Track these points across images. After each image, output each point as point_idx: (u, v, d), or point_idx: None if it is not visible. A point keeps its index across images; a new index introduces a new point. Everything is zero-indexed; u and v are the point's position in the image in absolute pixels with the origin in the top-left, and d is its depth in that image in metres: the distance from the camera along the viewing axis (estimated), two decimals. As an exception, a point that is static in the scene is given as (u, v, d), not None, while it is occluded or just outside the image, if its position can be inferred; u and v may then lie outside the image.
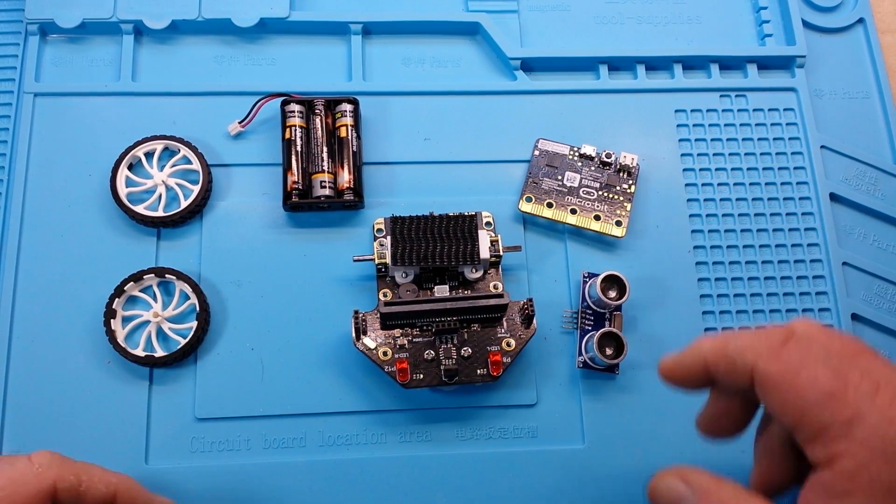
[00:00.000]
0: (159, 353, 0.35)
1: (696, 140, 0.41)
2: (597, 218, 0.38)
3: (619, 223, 0.38)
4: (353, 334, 0.34)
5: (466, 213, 0.36)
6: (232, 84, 0.40)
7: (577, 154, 0.40)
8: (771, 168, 0.41)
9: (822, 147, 0.41)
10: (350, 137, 0.38)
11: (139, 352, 0.35)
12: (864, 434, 0.22)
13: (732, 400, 0.27)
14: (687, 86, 0.42)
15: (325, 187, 0.37)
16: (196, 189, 0.37)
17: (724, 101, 0.42)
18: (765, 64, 0.43)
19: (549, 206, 0.39)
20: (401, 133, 0.40)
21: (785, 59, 0.43)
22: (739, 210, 0.40)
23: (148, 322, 0.36)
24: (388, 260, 0.35)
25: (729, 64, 0.43)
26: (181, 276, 0.36)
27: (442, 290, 0.36)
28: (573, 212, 0.38)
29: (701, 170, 0.41)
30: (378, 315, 0.34)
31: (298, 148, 0.38)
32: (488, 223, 0.37)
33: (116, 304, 0.35)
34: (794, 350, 0.24)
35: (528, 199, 0.39)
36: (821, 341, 0.24)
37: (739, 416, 0.27)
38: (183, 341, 0.35)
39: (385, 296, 0.36)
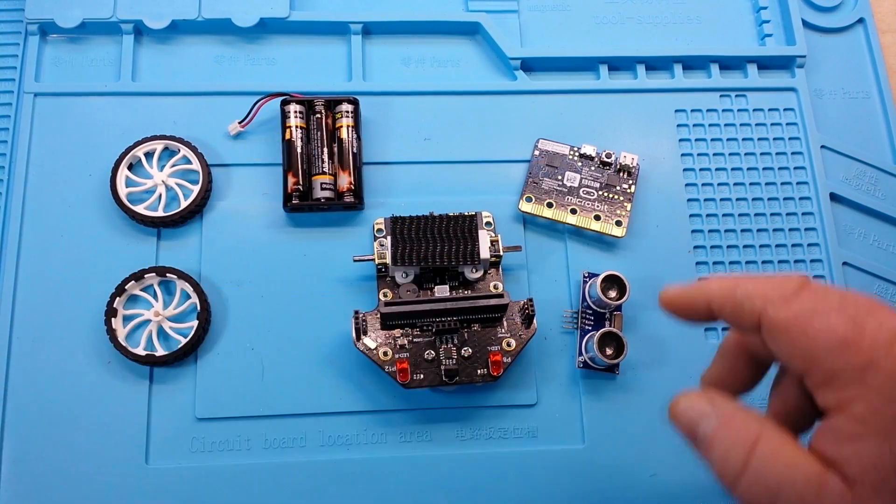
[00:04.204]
0: (160, 352, 0.35)
1: (696, 140, 0.41)
2: (597, 218, 0.38)
3: (619, 223, 0.38)
4: (354, 334, 0.34)
5: (466, 213, 0.36)
6: (232, 84, 0.40)
7: (577, 154, 0.40)
8: (771, 168, 0.41)
9: (822, 147, 0.41)
10: (350, 138, 0.38)
11: (140, 351, 0.35)
12: (879, 381, 0.22)
13: (739, 359, 0.27)
14: (687, 86, 0.42)
15: (325, 189, 0.37)
16: (196, 189, 0.37)
17: (724, 101, 0.42)
18: (765, 64, 0.43)
19: (550, 206, 0.38)
20: (401, 133, 0.40)
21: (785, 59, 0.43)
22: (739, 210, 0.40)
23: (149, 321, 0.36)
24: (389, 260, 0.35)
25: (729, 64, 0.43)
26: (182, 276, 0.36)
27: (442, 290, 0.36)
28: (573, 212, 0.38)
29: (701, 170, 0.41)
30: (378, 315, 0.34)
31: (299, 149, 0.38)
32: (488, 223, 0.37)
33: (117, 302, 0.35)
34: (808, 298, 0.24)
35: (529, 199, 0.39)
36: (836, 293, 0.24)
37: (746, 375, 0.27)
38: (184, 340, 0.35)
39: (385, 296, 0.36)
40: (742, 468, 0.23)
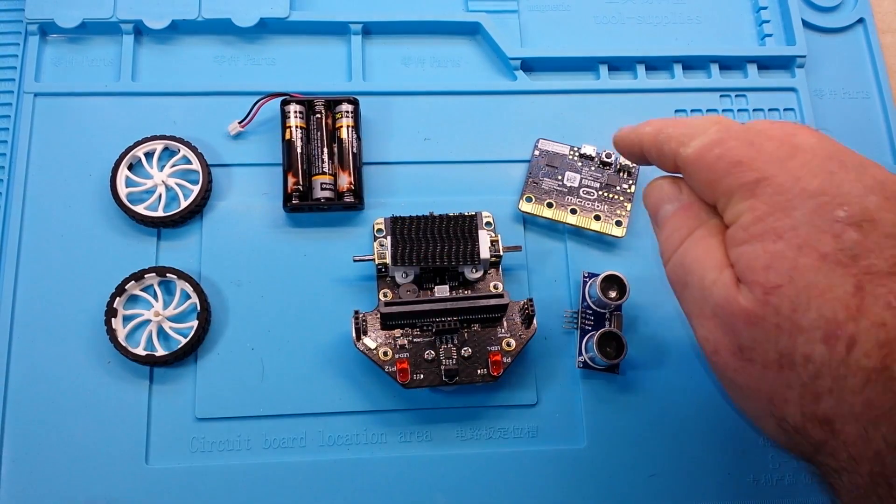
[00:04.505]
0: (160, 352, 0.35)
1: (696, 140, 0.41)
2: (597, 218, 0.38)
3: (619, 223, 0.38)
4: (354, 334, 0.34)
5: (466, 213, 0.36)
6: (232, 84, 0.40)
7: (577, 154, 0.40)
8: (771, 168, 0.41)
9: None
10: (350, 138, 0.38)
11: (140, 351, 0.35)
12: (768, 191, 0.24)
13: None
14: (687, 86, 0.42)
15: (325, 189, 0.37)
16: (196, 189, 0.37)
17: (724, 101, 0.42)
18: (765, 64, 0.43)
19: (550, 206, 0.39)
20: (401, 133, 0.40)
21: (785, 59, 0.43)
22: (739, 210, 0.40)
23: (149, 321, 0.36)
24: (389, 260, 0.35)
25: (729, 64, 0.43)
26: (182, 276, 0.36)
27: (442, 290, 0.36)
28: (573, 212, 0.38)
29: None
30: (378, 315, 0.34)
31: (299, 149, 0.38)
32: (488, 223, 0.37)
33: (117, 303, 0.35)
34: (713, 131, 0.26)
35: (529, 199, 0.39)
36: (743, 125, 0.26)
37: None
38: (184, 340, 0.35)
39: (385, 296, 0.36)
40: (674, 249, 0.27)
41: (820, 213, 0.23)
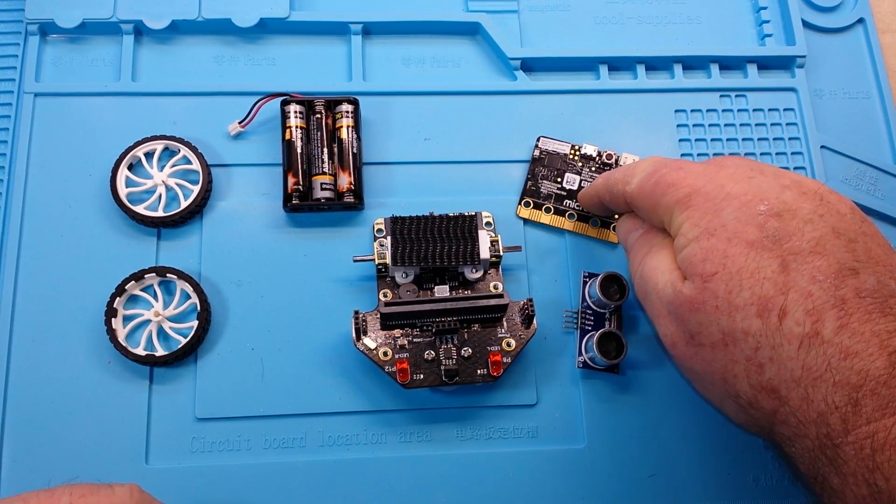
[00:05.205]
0: (160, 352, 0.35)
1: (696, 140, 0.41)
2: (594, 223, 0.38)
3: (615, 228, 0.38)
4: (354, 334, 0.34)
5: (466, 214, 0.36)
6: (232, 84, 0.40)
7: (577, 154, 0.40)
8: (771, 168, 0.41)
9: (822, 147, 0.41)
10: (350, 138, 0.38)
11: (140, 351, 0.35)
12: (699, 200, 0.28)
13: None
14: (687, 86, 0.42)
15: (325, 189, 0.37)
16: (196, 189, 0.37)
17: (724, 101, 0.42)
18: (765, 64, 0.43)
19: (548, 211, 0.39)
20: (401, 133, 0.40)
21: (785, 59, 0.43)
22: (739, 210, 0.40)
23: (149, 321, 0.36)
24: (389, 260, 0.35)
25: (729, 64, 0.43)
26: (182, 276, 0.36)
27: (442, 291, 0.36)
28: (571, 217, 0.38)
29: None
30: (378, 315, 0.34)
31: (299, 149, 0.38)
32: (488, 223, 0.37)
33: (117, 303, 0.35)
34: (646, 167, 0.31)
35: (527, 205, 0.39)
36: (676, 160, 0.31)
37: None
38: (184, 340, 0.35)
39: (385, 296, 0.36)
40: (638, 266, 0.31)
41: (744, 210, 0.27)
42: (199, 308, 0.35)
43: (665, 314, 0.29)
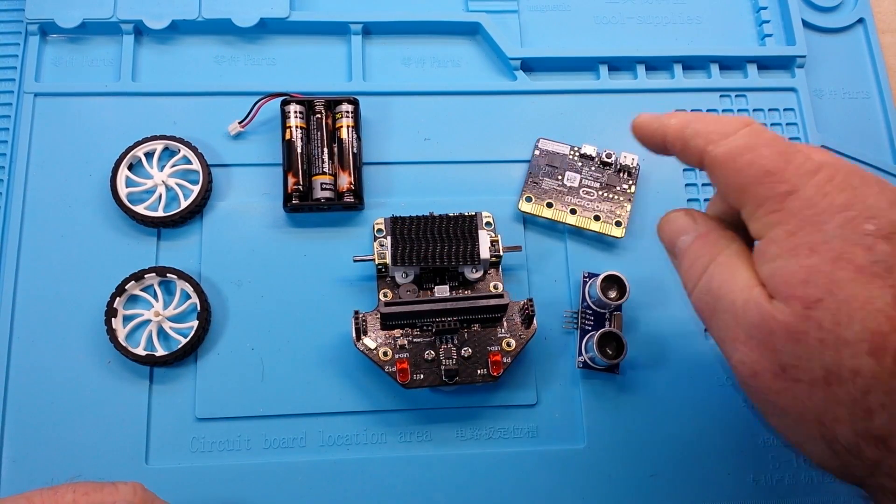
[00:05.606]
0: (160, 352, 0.35)
1: (696, 140, 0.41)
2: (596, 218, 0.38)
3: (618, 223, 0.38)
4: (354, 334, 0.34)
5: (466, 213, 0.36)
6: (232, 84, 0.40)
7: (577, 154, 0.40)
8: (771, 168, 0.41)
9: (822, 147, 0.41)
10: (350, 138, 0.38)
11: (140, 351, 0.35)
12: (797, 205, 0.24)
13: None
14: (687, 86, 0.42)
15: (325, 189, 0.37)
16: (196, 189, 0.37)
17: (724, 101, 0.42)
18: (765, 64, 0.43)
19: (549, 205, 0.39)
20: (401, 133, 0.40)
21: (785, 59, 0.43)
22: (739, 210, 0.40)
23: (149, 321, 0.36)
24: (389, 260, 0.35)
25: (729, 64, 0.43)
26: (182, 276, 0.36)
27: (442, 291, 0.36)
28: (573, 212, 0.38)
29: (701, 170, 0.41)
30: (378, 315, 0.34)
31: (299, 149, 0.38)
32: (488, 223, 0.37)
33: (118, 303, 0.35)
34: (744, 134, 0.25)
35: (529, 199, 0.39)
36: (772, 133, 0.26)
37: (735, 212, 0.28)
38: (184, 340, 0.35)
39: (385, 296, 0.36)
40: (698, 278, 0.26)
41: (849, 227, 0.23)
42: (199, 308, 0.35)
43: (745, 339, 0.24)
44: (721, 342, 0.26)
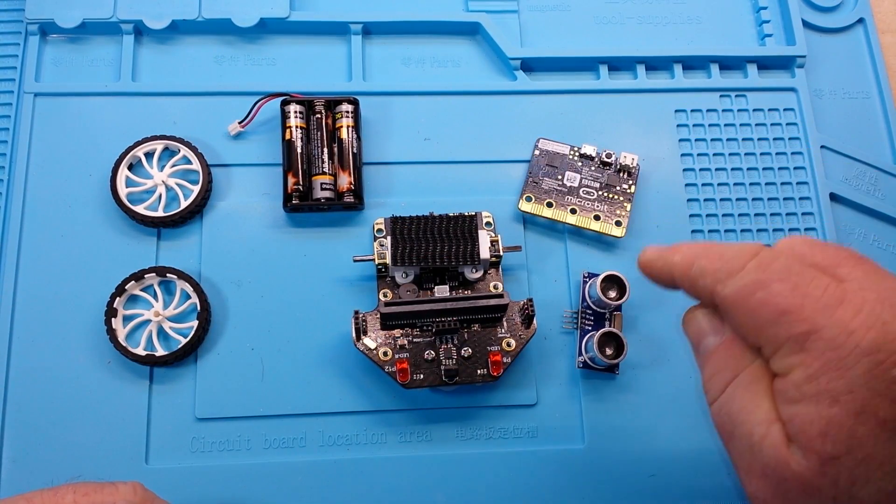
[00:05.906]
0: (160, 352, 0.35)
1: (696, 140, 0.41)
2: (596, 218, 0.38)
3: (618, 223, 0.38)
4: (354, 334, 0.34)
5: (466, 214, 0.36)
6: (232, 84, 0.40)
7: (577, 154, 0.40)
8: (771, 168, 0.41)
9: (822, 147, 0.41)
10: (350, 138, 0.38)
11: (140, 351, 0.35)
12: (819, 347, 0.22)
13: None
14: (687, 86, 0.42)
15: (325, 189, 0.37)
16: (196, 189, 0.37)
17: (724, 101, 0.42)
18: (765, 64, 0.43)
19: (549, 205, 0.39)
20: (401, 133, 0.40)
21: (785, 59, 0.43)
22: (739, 210, 0.40)
23: (149, 321, 0.36)
24: (389, 260, 0.35)
25: (729, 64, 0.43)
26: (182, 276, 0.36)
27: (442, 291, 0.36)
28: (573, 212, 0.38)
29: (701, 170, 0.41)
30: (378, 315, 0.34)
31: (299, 149, 0.38)
32: (488, 223, 0.37)
33: (118, 303, 0.35)
34: (752, 270, 0.24)
35: (528, 199, 0.39)
36: (782, 261, 0.24)
37: None
38: (184, 340, 0.35)
39: (385, 296, 0.36)
40: (718, 393, 0.25)
41: (876, 374, 0.21)
42: (199, 308, 0.35)
43: (759, 474, 0.24)
44: (736, 467, 0.25)
